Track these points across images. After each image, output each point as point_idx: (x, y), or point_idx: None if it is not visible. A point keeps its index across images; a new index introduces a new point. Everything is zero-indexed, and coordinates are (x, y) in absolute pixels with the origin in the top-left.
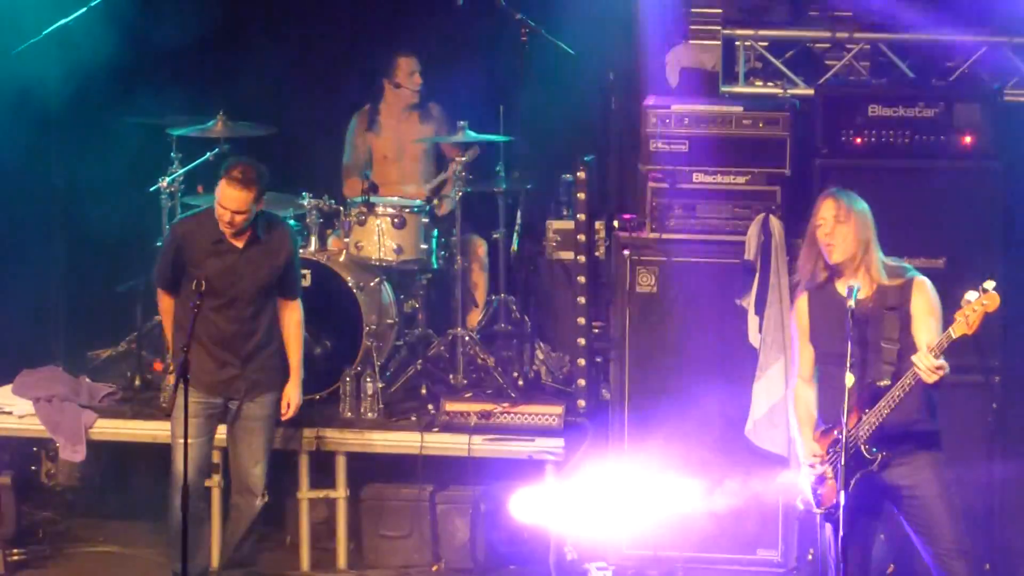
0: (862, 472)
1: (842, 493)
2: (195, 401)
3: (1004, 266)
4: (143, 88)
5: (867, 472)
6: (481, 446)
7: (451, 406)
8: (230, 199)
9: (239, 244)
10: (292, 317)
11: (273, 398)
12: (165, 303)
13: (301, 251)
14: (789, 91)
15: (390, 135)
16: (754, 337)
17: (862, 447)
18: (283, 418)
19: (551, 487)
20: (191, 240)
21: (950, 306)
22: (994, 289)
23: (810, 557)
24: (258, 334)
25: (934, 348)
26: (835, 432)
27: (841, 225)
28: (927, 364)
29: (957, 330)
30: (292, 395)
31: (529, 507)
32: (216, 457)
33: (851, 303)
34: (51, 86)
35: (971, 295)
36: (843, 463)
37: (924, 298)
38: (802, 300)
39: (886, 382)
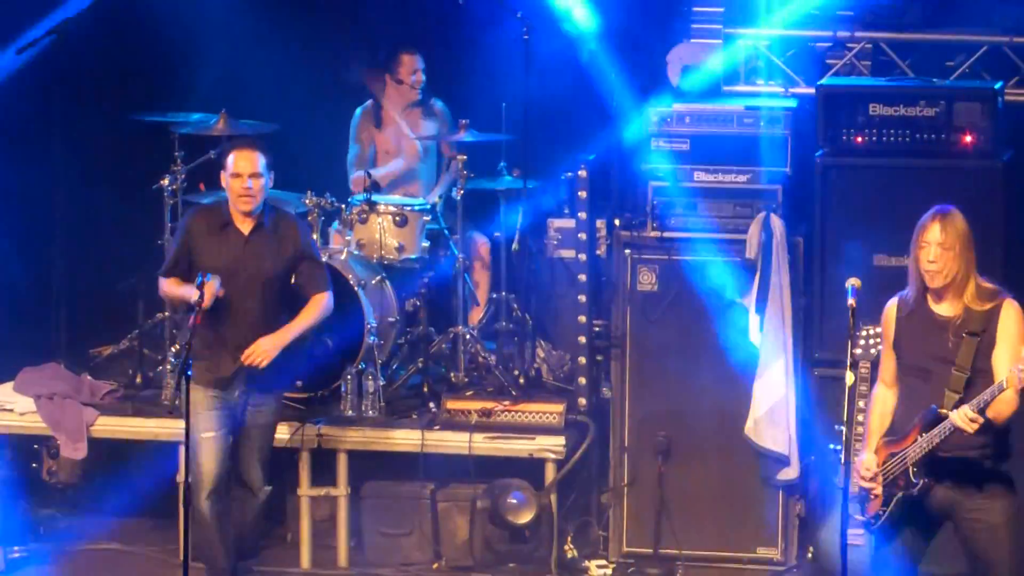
0: (904, 493)
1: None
2: (211, 396)
3: (1004, 265)
4: (145, 86)
5: (908, 494)
6: (482, 444)
7: (452, 404)
8: (244, 161)
9: (245, 231)
10: (318, 301)
11: (276, 406)
12: (165, 286)
13: None
14: (790, 90)
15: (392, 131)
16: (755, 336)
17: (910, 468)
18: (244, 359)
19: (552, 485)
20: (199, 225)
21: None
22: None
23: (810, 555)
24: (263, 329)
25: (978, 401)
26: (895, 445)
27: (947, 251)
28: (962, 416)
29: (1008, 382)
30: (264, 341)
31: (529, 505)
32: None
33: (851, 302)
34: (53, 83)
35: None
36: (844, 460)
37: (1010, 322)
38: (891, 308)
39: (946, 411)
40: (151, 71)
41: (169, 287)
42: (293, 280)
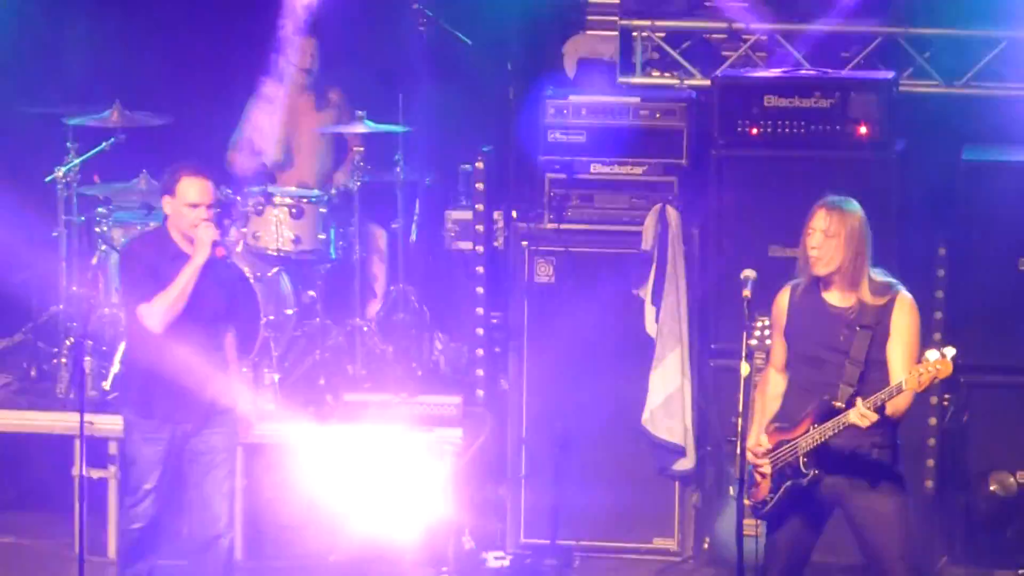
0: (793, 482)
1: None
2: (158, 449)
3: (898, 255)
4: (38, 77)
5: (797, 484)
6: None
7: (350, 397)
8: (202, 192)
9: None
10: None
11: (232, 427)
12: (157, 303)
13: None
14: (686, 82)
15: (285, 116)
16: (651, 327)
17: (800, 458)
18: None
19: (449, 477)
20: (148, 255)
21: None
22: (952, 359)
23: (706, 546)
24: (218, 353)
25: (875, 399)
26: (786, 433)
27: (830, 239)
28: (857, 413)
29: (908, 384)
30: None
31: (427, 497)
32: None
33: (746, 292)
34: None
35: (932, 354)
36: (738, 451)
37: (904, 316)
38: (783, 295)
39: (840, 404)
40: (41, 61)
41: (161, 298)
42: None
